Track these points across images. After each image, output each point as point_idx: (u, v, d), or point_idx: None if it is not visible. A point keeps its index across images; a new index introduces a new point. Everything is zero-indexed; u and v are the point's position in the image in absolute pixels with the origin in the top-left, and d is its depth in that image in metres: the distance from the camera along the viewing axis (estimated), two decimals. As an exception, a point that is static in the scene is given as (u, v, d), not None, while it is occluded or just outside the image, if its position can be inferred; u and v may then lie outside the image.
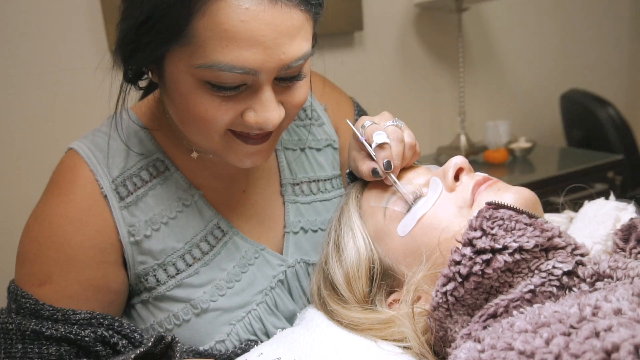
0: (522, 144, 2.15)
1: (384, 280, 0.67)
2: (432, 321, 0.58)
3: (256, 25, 0.56)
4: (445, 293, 0.55)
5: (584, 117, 2.30)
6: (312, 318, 0.70)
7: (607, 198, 0.73)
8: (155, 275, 0.71)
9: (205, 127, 0.63)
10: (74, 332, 0.66)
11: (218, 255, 0.74)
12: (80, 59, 1.61)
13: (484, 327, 0.51)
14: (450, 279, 0.55)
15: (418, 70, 2.20)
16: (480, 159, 2.09)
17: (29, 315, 0.67)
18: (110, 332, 0.67)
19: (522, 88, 2.48)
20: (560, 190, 0.81)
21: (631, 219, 0.58)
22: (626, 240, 0.58)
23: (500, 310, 0.52)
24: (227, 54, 0.56)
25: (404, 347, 0.62)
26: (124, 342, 0.67)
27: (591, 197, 0.78)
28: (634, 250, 0.56)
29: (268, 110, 0.61)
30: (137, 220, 0.70)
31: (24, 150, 1.56)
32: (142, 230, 0.70)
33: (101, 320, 0.68)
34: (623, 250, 0.58)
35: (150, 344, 0.62)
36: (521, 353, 0.41)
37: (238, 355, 0.70)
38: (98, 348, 0.66)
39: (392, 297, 0.66)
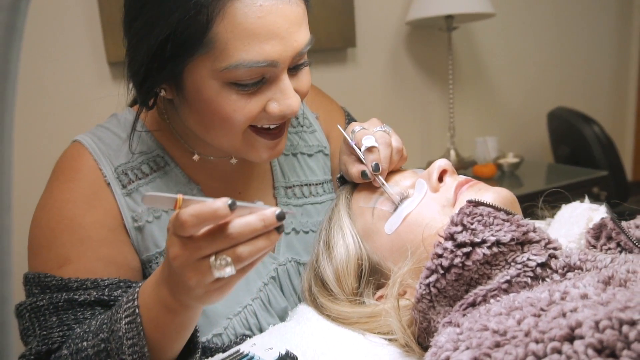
0: (510, 159, 2.20)
1: (371, 276, 0.70)
2: (416, 313, 0.61)
3: (271, 18, 0.61)
4: (428, 285, 0.59)
5: (570, 134, 2.36)
6: (303, 312, 0.73)
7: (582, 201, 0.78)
8: (157, 263, 0.74)
9: (230, 127, 0.67)
10: (106, 294, 0.67)
11: None
12: (79, 71, 1.65)
13: (464, 315, 0.55)
14: (433, 271, 0.58)
15: (409, 86, 2.25)
16: (469, 173, 2.13)
17: (57, 291, 0.67)
18: None
19: (511, 105, 2.54)
20: (545, 203, 0.85)
21: (602, 218, 0.62)
22: (597, 237, 0.62)
23: (479, 299, 0.55)
24: (249, 51, 0.61)
25: (390, 340, 0.65)
26: None
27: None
28: (604, 247, 0.60)
29: (289, 97, 0.66)
30: (139, 208, 0.73)
31: (21, 159, 1.59)
32: (144, 216, 0.73)
33: (129, 283, 0.70)
34: (594, 247, 0.62)
35: None
36: (495, 332, 0.45)
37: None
38: None
39: (380, 292, 0.70)
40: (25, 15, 0.29)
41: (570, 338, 0.40)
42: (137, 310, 0.59)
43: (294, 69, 0.69)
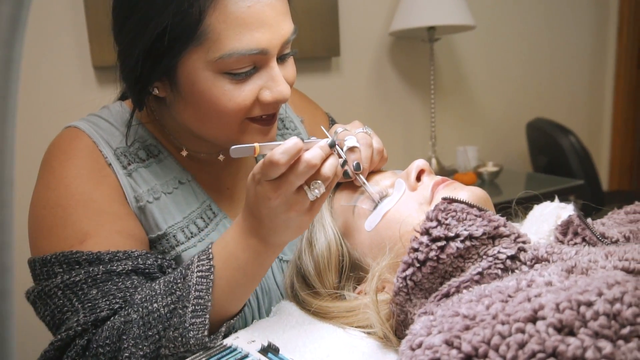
0: (490, 168, 2.26)
1: (352, 272, 0.73)
2: (394, 306, 0.64)
3: (260, 7, 0.65)
4: (405, 278, 0.61)
5: (548, 145, 2.43)
6: (285, 308, 0.75)
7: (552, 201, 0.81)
8: (161, 244, 0.75)
9: (226, 118, 0.70)
10: (141, 263, 0.68)
11: (212, 232, 0.80)
12: (65, 75, 1.66)
13: (438, 305, 0.57)
14: (409, 265, 0.61)
15: (392, 96, 2.30)
16: (450, 181, 2.17)
17: (88, 265, 0.67)
18: (167, 263, 0.72)
19: (491, 116, 2.60)
20: (520, 205, 0.89)
21: (569, 215, 0.66)
22: (565, 233, 0.65)
23: (452, 290, 0.58)
24: (241, 40, 0.64)
25: (368, 333, 0.67)
26: None
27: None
28: (571, 242, 0.63)
29: (280, 84, 0.70)
30: (140, 189, 0.75)
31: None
32: (145, 197, 0.74)
33: (156, 255, 0.72)
34: (562, 242, 0.65)
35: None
36: (465, 317, 0.47)
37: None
38: (159, 276, 0.70)
39: (360, 287, 0.72)
40: (29, 7, 0.31)
41: (533, 319, 0.43)
42: (212, 269, 0.64)
43: (280, 59, 0.72)
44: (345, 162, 0.69)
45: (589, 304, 0.41)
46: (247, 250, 0.65)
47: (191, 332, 0.62)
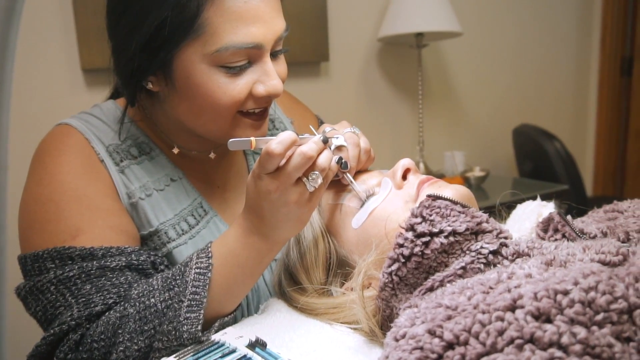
0: (477, 173, 2.28)
1: (339, 269, 0.74)
2: (380, 301, 0.65)
3: (255, 3, 0.67)
4: (390, 273, 0.63)
5: (534, 150, 2.46)
6: (273, 305, 0.76)
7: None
8: (152, 240, 0.76)
9: (220, 111, 0.71)
10: (134, 259, 0.69)
11: (203, 229, 0.80)
12: (53, 78, 1.65)
13: (422, 299, 0.59)
14: (395, 260, 0.62)
15: (380, 101, 2.32)
16: (437, 185, 2.19)
17: (81, 260, 0.67)
18: (159, 259, 0.73)
19: (478, 121, 2.64)
20: (506, 207, 0.91)
21: (550, 213, 0.68)
22: (545, 230, 0.67)
23: (437, 284, 0.59)
24: (238, 34, 0.66)
25: (355, 329, 0.68)
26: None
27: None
28: (551, 238, 0.65)
29: (273, 78, 0.71)
30: (132, 185, 0.75)
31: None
32: (137, 193, 0.75)
33: (148, 251, 0.72)
34: (543, 238, 0.67)
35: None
36: (447, 307, 0.49)
37: None
38: (152, 273, 0.71)
39: (347, 284, 0.73)
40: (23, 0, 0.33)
41: (512, 308, 0.44)
42: (210, 267, 0.65)
43: (273, 55, 0.73)
44: (340, 158, 0.70)
45: (565, 293, 0.43)
46: (247, 248, 0.66)
47: (185, 327, 0.63)
